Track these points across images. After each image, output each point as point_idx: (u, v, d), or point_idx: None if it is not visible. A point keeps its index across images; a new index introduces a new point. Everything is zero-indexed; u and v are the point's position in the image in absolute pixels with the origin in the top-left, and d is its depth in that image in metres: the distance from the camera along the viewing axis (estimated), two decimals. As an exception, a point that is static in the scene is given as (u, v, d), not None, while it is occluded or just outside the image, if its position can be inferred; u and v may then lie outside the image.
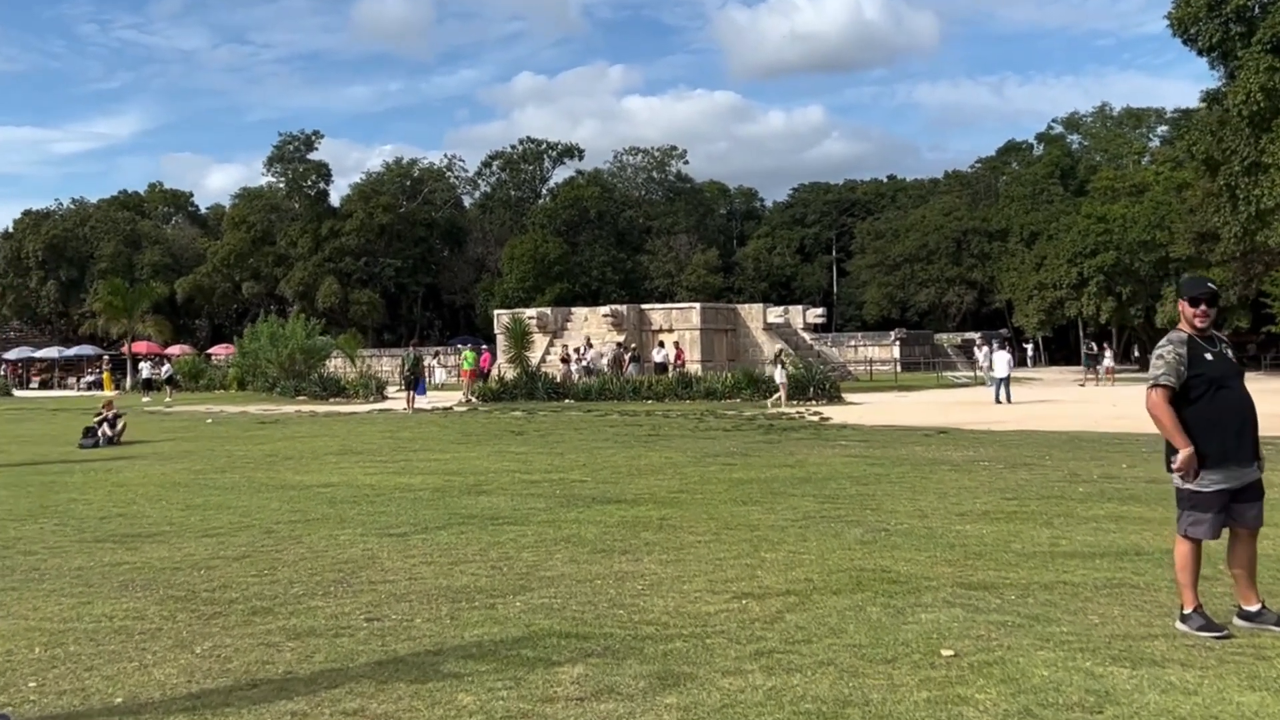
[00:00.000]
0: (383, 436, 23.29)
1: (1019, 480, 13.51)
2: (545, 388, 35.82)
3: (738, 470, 15.22)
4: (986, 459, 16.24)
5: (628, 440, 20.96)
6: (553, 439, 21.64)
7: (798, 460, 16.49)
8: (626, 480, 14.27)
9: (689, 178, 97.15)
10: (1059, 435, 20.68)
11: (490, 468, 16.18)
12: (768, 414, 28.33)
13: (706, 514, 10.95)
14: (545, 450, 19.04)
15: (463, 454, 18.63)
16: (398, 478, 15.06)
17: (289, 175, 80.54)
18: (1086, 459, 16.13)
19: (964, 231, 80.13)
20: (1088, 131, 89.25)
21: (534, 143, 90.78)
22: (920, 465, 15.43)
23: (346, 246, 77.63)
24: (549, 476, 14.82)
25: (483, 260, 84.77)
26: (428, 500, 12.53)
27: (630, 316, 46.43)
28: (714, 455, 17.54)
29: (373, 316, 77.78)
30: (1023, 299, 62.67)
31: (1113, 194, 60.58)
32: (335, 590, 7.75)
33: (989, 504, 11.41)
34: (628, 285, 79.77)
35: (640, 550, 9.03)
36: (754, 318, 48.55)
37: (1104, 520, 10.22)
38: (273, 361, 43.20)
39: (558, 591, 7.53)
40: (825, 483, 13.52)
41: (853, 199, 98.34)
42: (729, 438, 21.25)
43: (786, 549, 8.94)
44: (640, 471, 15.35)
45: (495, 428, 25.27)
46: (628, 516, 10.90)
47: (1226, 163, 29.79)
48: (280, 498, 13.12)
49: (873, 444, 19.27)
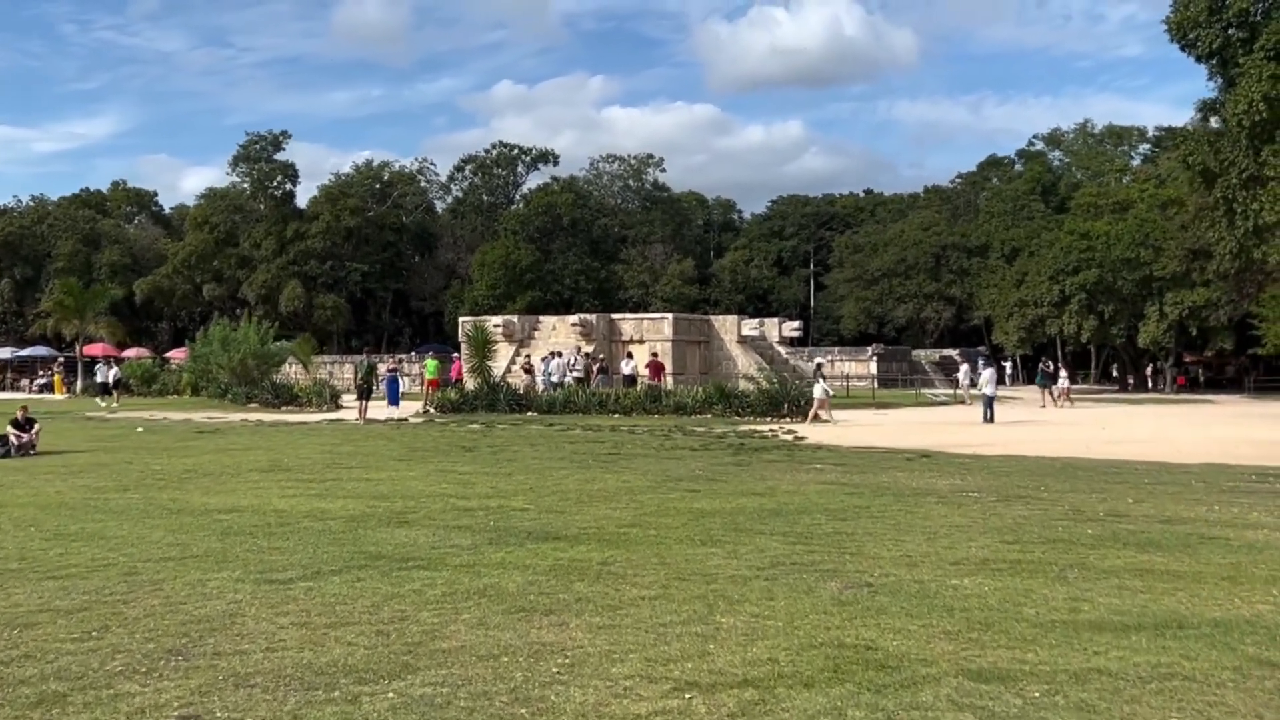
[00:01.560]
0: (322, 450, 21.53)
1: (1016, 517, 11.90)
2: (507, 399, 34.05)
3: (700, 499, 13.56)
4: (976, 489, 14.65)
5: (585, 460, 19.27)
6: (504, 457, 19.93)
7: (768, 487, 14.84)
8: (574, 509, 12.58)
9: (666, 187, 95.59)
10: (1050, 462, 19.12)
11: (424, 491, 14.46)
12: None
13: (657, 558, 9.27)
14: (492, 470, 17.33)
15: (400, 473, 16.90)
16: (316, 502, 13.33)
17: (254, 175, 78.25)
18: (1086, 491, 14.57)
19: (943, 247, 78.86)
20: (1069, 148, 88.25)
21: (508, 147, 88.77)
22: (904, 496, 13.81)
23: (312, 249, 75.41)
24: (487, 503, 13.12)
25: (453, 266, 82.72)
26: (336, 533, 10.80)
27: (600, 326, 44.71)
28: (676, 480, 15.88)
29: (338, 322, 75.61)
30: (1002, 316, 61.28)
31: (1096, 210, 59.33)
32: (164, 666, 6.03)
33: (987, 549, 9.79)
34: (601, 294, 77.97)
35: (569, 609, 7.34)
36: (728, 330, 46.90)
37: (1126, 575, 8.60)
38: (224, 367, 41.26)
39: (449, 674, 5.83)
40: (797, 517, 11.87)
41: (831, 212, 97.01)
42: (695, 458, 19.60)
43: (748, 610, 7.28)
44: (591, 498, 13.67)
45: (446, 442, 23.53)
46: (564, 559, 9.21)
47: (1224, 175, 28.40)
48: (169, 526, 11.37)
49: (850, 468, 17.66)
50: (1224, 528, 11.19)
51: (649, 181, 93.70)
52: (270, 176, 78.57)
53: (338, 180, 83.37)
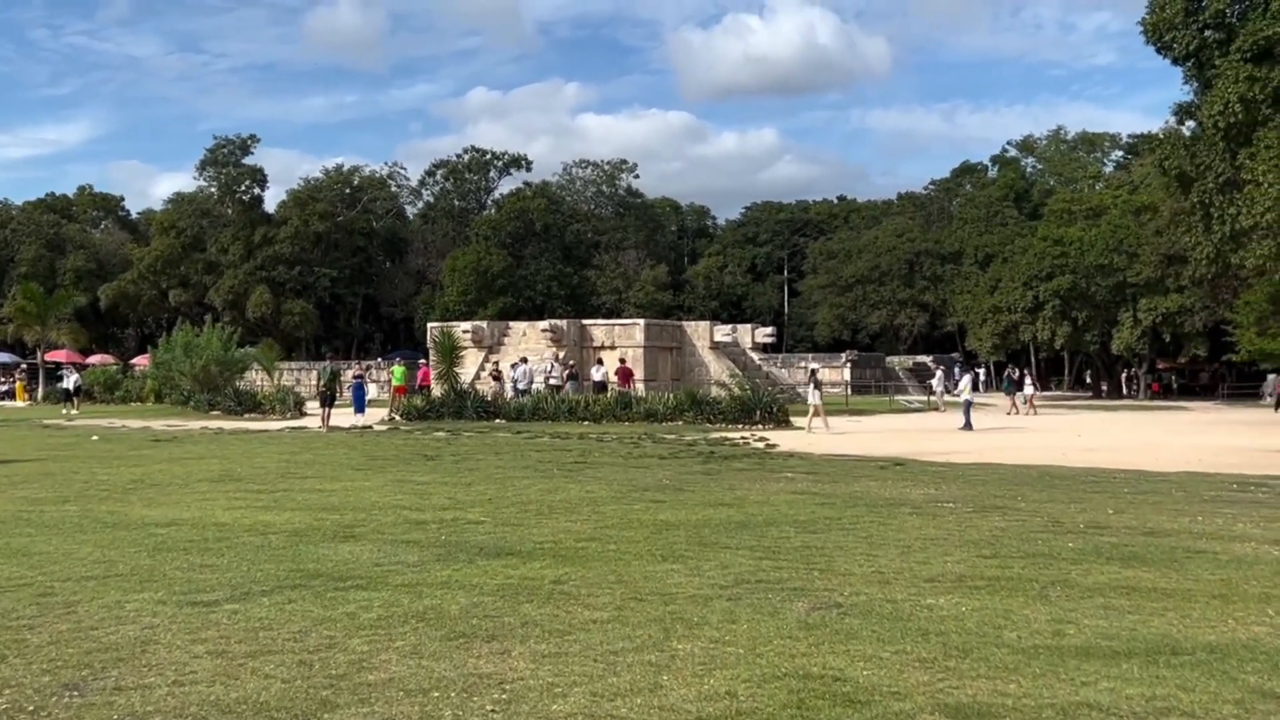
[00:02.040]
0: (278, 459, 20.84)
1: (993, 529, 11.40)
2: (475, 406, 33.39)
3: (665, 510, 13.00)
4: (951, 499, 14.15)
5: (550, 469, 18.68)
6: (467, 465, 19.31)
7: (736, 498, 14.30)
8: (532, 522, 11.99)
9: (639, 192, 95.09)
10: (1026, 470, 18.67)
11: (377, 502, 13.83)
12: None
13: (614, 575, 8.70)
14: (452, 480, 16.71)
15: (355, 483, 16.26)
16: (261, 514, 12.69)
17: (221, 179, 77.12)
18: (1064, 500, 14.10)
19: (916, 253, 78.75)
20: (1042, 155, 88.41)
21: (480, 152, 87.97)
22: (876, 507, 13.30)
23: (280, 254, 74.36)
24: (442, 515, 12.51)
25: (424, 272, 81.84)
26: (276, 548, 10.18)
27: (571, 332, 44.13)
28: (642, 489, 15.31)
29: (306, 328, 74.56)
30: (976, 322, 61.10)
31: (1069, 216, 59.24)
32: (55, 704, 5.42)
33: (963, 564, 9.27)
34: (574, 300, 77.38)
35: (513, 635, 6.76)
36: (701, 336, 46.43)
37: (1112, 593, 8.10)
38: (186, 374, 40.38)
39: (370, 713, 5.24)
40: (765, 529, 11.33)
41: (805, 219, 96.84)
42: (663, 467, 19.05)
43: (707, 635, 6.72)
44: (552, 510, 13.08)
45: (409, 450, 22.89)
46: (514, 577, 8.63)
47: (1200, 179, 28.09)
48: (100, 541, 10.72)
49: (821, 477, 17.15)
50: (1210, 540, 10.72)
51: (622, 187, 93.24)
52: (238, 181, 77.48)
53: (307, 185, 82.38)
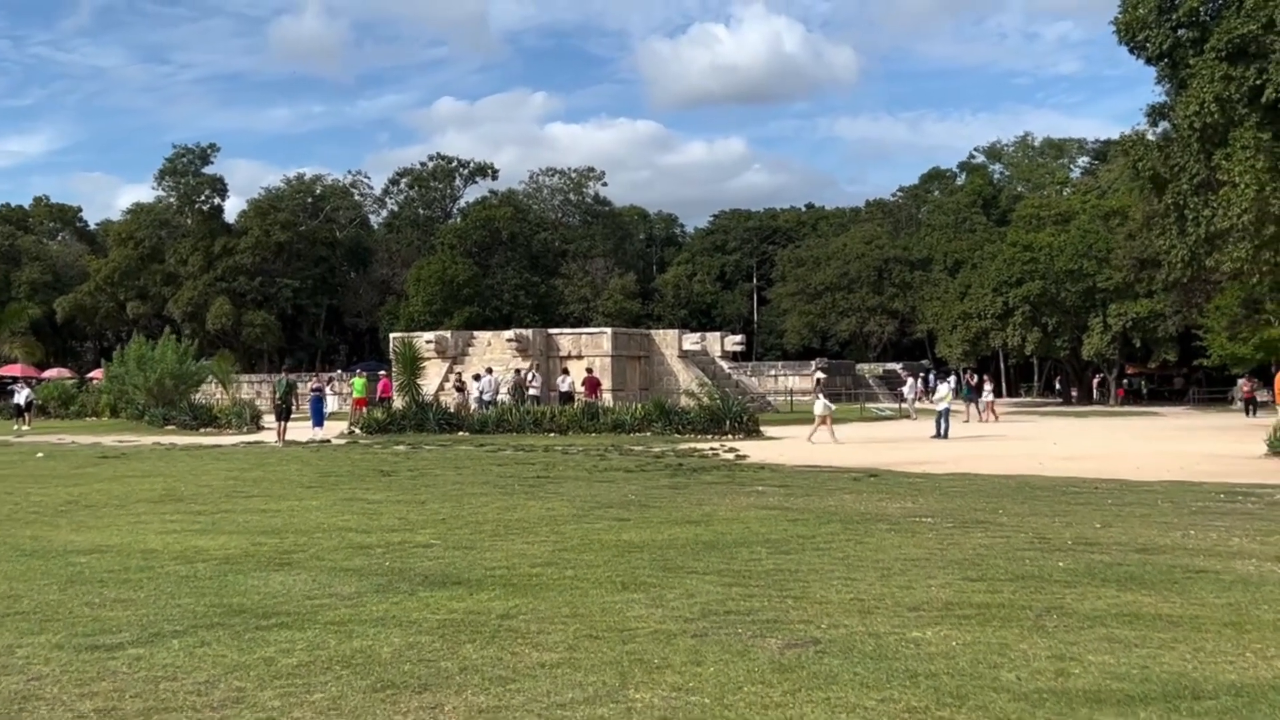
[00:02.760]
0: (227, 477, 19.93)
1: (977, 547, 10.70)
2: (437, 419, 32.53)
3: (629, 529, 12.23)
4: (930, 513, 13.46)
5: (510, 484, 17.87)
6: (424, 481, 18.47)
7: (704, 515, 13.55)
8: (486, 544, 11.19)
9: (607, 201, 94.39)
10: (1004, 481, 18.03)
11: (323, 524, 12.99)
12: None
13: (569, 607, 7.92)
14: (405, 498, 15.88)
15: (303, 503, 15.40)
16: (195, 539, 11.82)
17: (180, 189, 75.63)
18: (1047, 514, 13.44)
19: (885, 260, 78.43)
20: (1009, 161, 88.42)
21: (445, 160, 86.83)
22: (852, 523, 12.58)
23: (241, 265, 72.96)
24: (389, 538, 11.69)
25: (389, 282, 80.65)
26: (202, 579, 9.33)
27: (537, 341, 43.30)
28: (606, 506, 14.54)
29: (268, 339, 73.18)
30: (946, 329, 60.71)
31: (1038, 222, 58.97)
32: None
33: (949, 589, 8.55)
34: (541, 310, 76.47)
35: (449, 683, 5.96)
36: (669, 344, 45.69)
37: (1114, 621, 7.39)
38: (139, 387, 39.24)
39: (267, 792, 4.43)
40: (735, 550, 10.58)
41: (774, 226, 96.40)
42: (630, 481, 18.28)
43: (669, 681, 5.94)
44: (508, 530, 12.29)
45: (366, 466, 22.02)
46: (458, 611, 7.83)
47: (1174, 181, 27.60)
48: (11, 572, 9.84)
49: (794, 490, 16.43)
50: (1208, 557, 10.06)
51: (590, 195, 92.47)
52: (198, 190, 76.00)
53: (268, 194, 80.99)
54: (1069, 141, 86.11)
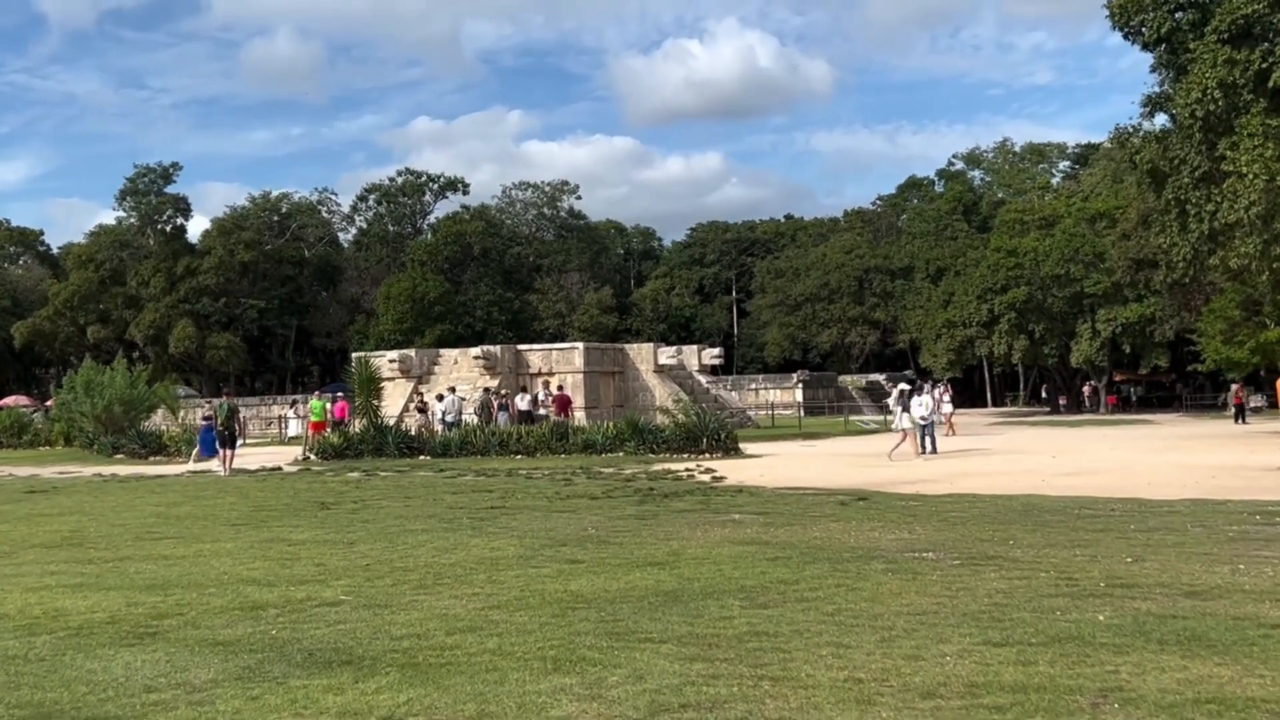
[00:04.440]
0: (150, 514, 18.04)
1: (992, 592, 8.91)
2: (397, 442, 30.61)
3: (579, 575, 10.40)
4: (931, 546, 11.67)
5: (459, 517, 16.01)
6: (363, 516, 16.58)
7: (671, 552, 11.74)
8: (405, 600, 9.34)
9: (582, 214, 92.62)
10: (1008, 502, 16.25)
11: (224, 574, 11.13)
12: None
13: (476, 702, 6.07)
14: (334, 537, 14.01)
15: (216, 545, 13.51)
16: (65, 598, 9.94)
17: (142, 209, 73.32)
18: (1065, 544, 11.68)
19: (866, 270, 76.93)
20: (989, 167, 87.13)
21: (414, 175, 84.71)
22: (842, 562, 10.77)
23: (204, 286, 70.63)
24: (292, 594, 9.83)
25: (358, 300, 78.49)
26: (33, 660, 7.47)
27: (505, 358, 41.41)
28: (559, 544, 12.70)
29: (233, 362, 70.88)
30: (930, 338, 59.05)
31: (1022, 226, 57.46)
32: None
33: (969, 659, 6.73)
34: (515, 326, 74.53)
35: None
36: (644, 359, 43.85)
37: (1195, 710, 5.58)
38: (86, 414, 37.18)
39: None
40: (702, 603, 8.75)
41: (752, 238, 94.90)
42: (593, 510, 16.45)
43: (589, 840, 4.09)
44: (438, 579, 10.44)
45: (308, 497, 20.11)
46: (330, 711, 5.97)
47: (1175, 174, 25.93)
48: None
49: (774, 519, 14.62)
50: (1275, 603, 8.28)
51: (564, 209, 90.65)
52: (159, 210, 73.75)
53: (233, 213, 78.71)
54: (1050, 146, 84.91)
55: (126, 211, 74.55)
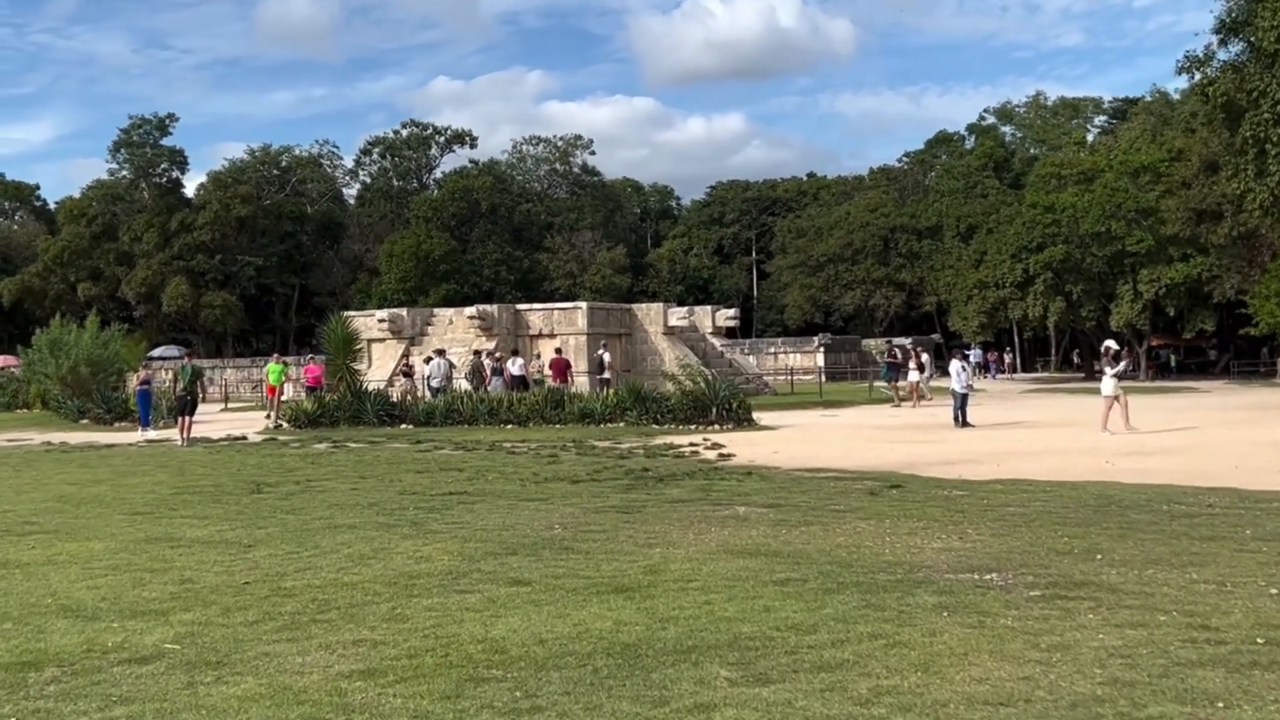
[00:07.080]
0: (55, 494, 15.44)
1: (1103, 657, 6.03)
2: (376, 410, 27.87)
3: (515, 608, 7.57)
4: (994, 563, 8.78)
5: (405, 507, 13.22)
6: (292, 504, 13.81)
7: (649, 567, 8.91)
8: (255, 652, 6.54)
9: (596, 171, 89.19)
10: (1073, 492, 13.28)
11: (52, 593, 8.42)
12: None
13: None
14: (235, 536, 11.24)
15: (83, 547, 10.81)
16: None
17: (135, 162, 70.38)
18: (1169, 559, 8.82)
19: (891, 229, 73.45)
20: (1021, 122, 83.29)
21: (420, 126, 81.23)
22: (877, 592, 7.87)
23: (198, 242, 67.75)
24: (102, 638, 7.07)
25: (361, 258, 75.48)
26: None
27: (503, 319, 38.52)
28: (510, 551, 9.89)
29: (229, 321, 68.12)
30: (961, 300, 55.69)
31: (1059, 181, 53.92)
32: None
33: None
34: (524, 286, 71.53)
35: None
36: (653, 320, 40.85)
37: None
38: (51, 376, 34.59)
39: None
40: (675, 668, 5.88)
41: (773, 197, 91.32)
42: (570, 499, 13.64)
43: None
44: (323, 609, 7.63)
45: (247, 475, 17.39)
46: None
47: (1253, 109, 22.68)
48: None
49: (787, 515, 11.76)
50: None
51: (577, 165, 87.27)
52: (154, 163, 70.78)
53: (230, 166, 75.67)
54: (1085, 100, 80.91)
55: (120, 164, 71.74)
